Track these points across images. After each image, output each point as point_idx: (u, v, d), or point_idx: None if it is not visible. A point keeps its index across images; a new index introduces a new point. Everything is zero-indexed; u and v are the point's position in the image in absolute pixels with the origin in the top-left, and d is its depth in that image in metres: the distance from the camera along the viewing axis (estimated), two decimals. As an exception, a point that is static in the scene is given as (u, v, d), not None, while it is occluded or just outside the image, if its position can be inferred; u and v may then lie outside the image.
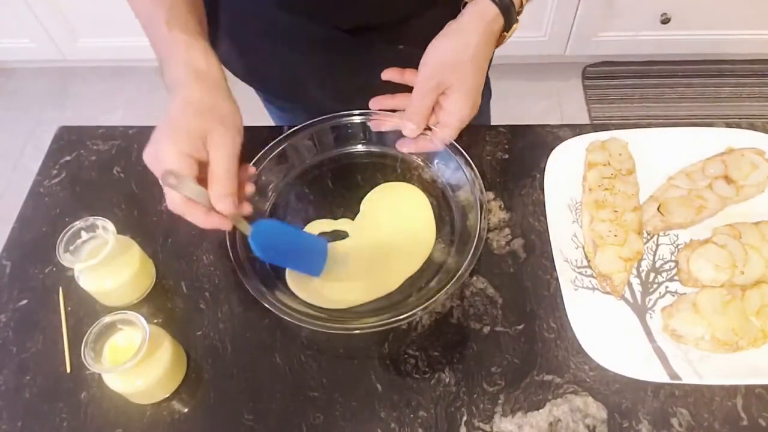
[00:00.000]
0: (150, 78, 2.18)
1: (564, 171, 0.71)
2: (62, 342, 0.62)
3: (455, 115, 0.64)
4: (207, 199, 0.52)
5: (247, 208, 0.57)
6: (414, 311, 0.56)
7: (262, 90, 0.91)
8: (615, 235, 0.64)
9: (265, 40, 0.76)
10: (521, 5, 0.64)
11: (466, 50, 0.61)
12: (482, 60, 0.63)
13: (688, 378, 0.56)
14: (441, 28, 0.72)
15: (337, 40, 0.72)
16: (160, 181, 0.51)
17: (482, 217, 0.61)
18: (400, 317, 0.56)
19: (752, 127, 0.73)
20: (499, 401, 0.57)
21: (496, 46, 0.66)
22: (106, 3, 1.77)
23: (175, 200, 0.52)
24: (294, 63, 0.77)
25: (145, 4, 0.59)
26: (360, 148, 0.74)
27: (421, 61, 0.64)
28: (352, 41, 0.72)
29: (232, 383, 0.59)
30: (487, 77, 0.84)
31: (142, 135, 0.80)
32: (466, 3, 0.65)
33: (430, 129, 0.68)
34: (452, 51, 0.62)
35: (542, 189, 0.70)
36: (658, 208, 0.66)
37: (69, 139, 0.80)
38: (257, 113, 0.97)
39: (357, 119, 0.72)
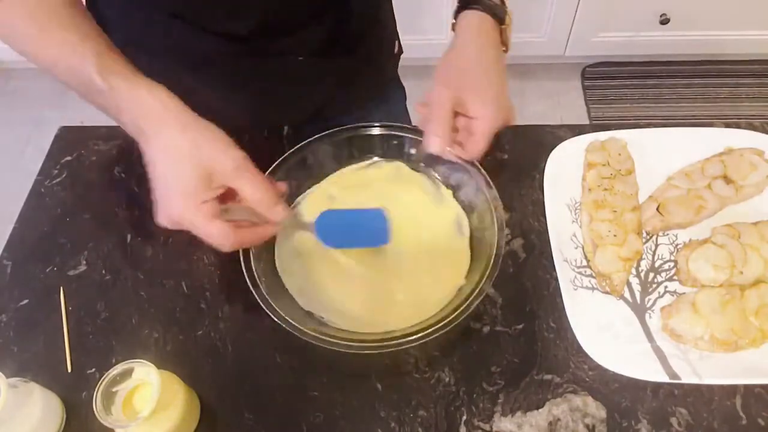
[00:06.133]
0: (150, 78, 2.18)
1: (563, 171, 0.71)
2: (63, 342, 0.62)
3: (480, 120, 0.59)
4: (254, 213, 0.52)
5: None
6: (436, 327, 0.55)
7: None
8: (614, 235, 0.64)
9: (160, 59, 0.70)
10: None
11: (468, 56, 0.61)
12: (492, 62, 0.62)
13: (688, 377, 0.56)
14: (334, 38, 0.72)
15: (231, 53, 0.71)
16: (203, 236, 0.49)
17: (499, 237, 0.59)
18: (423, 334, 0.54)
19: (751, 127, 0.73)
20: (499, 401, 0.57)
21: (505, 46, 0.64)
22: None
23: (227, 235, 0.49)
24: (190, 79, 0.73)
25: (66, 59, 0.57)
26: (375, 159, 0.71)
27: (434, 79, 0.62)
28: (246, 51, 0.71)
29: (232, 383, 0.59)
30: None
31: (142, 135, 0.80)
32: (454, 23, 0.64)
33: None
34: (455, 60, 0.62)
35: (542, 189, 0.70)
36: (657, 208, 0.66)
37: (70, 139, 0.80)
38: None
39: (377, 131, 0.69)
